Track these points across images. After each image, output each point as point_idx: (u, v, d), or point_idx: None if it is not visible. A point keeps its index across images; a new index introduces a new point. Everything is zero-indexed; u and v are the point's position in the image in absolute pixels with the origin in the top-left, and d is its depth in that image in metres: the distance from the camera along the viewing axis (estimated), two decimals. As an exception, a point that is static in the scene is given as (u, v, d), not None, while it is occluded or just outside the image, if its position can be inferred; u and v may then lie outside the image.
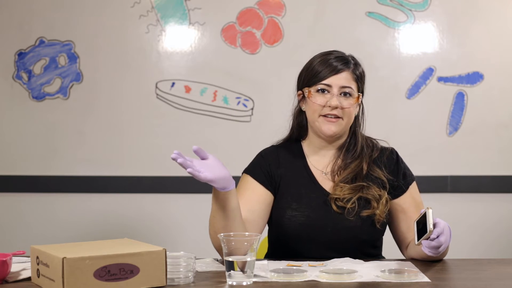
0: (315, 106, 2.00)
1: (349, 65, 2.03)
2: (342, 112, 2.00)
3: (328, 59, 2.03)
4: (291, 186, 2.03)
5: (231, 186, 1.79)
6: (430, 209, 1.74)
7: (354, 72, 2.04)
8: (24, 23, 3.43)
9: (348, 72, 2.02)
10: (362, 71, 2.07)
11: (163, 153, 3.40)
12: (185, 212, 3.41)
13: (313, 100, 2.01)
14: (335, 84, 2.00)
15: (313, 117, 2.03)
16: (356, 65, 2.05)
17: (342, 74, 2.01)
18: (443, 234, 1.77)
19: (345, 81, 2.01)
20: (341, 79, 2.00)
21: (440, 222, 1.78)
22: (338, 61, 2.02)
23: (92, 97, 3.43)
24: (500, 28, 3.33)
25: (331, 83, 2.00)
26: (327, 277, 1.65)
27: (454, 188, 3.33)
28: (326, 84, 2.00)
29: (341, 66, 2.01)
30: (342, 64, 2.02)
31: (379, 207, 1.97)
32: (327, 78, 2.00)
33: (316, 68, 2.02)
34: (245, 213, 1.96)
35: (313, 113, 2.02)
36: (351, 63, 2.04)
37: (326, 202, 1.99)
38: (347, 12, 3.36)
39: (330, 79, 2.00)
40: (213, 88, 3.39)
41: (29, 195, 3.45)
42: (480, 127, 3.34)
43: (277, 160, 2.07)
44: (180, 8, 3.40)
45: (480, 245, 3.33)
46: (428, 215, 1.73)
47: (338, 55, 2.04)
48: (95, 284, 1.50)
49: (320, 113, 2.00)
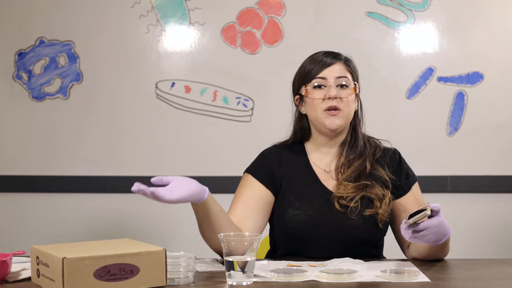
0: (315, 102, 2.01)
1: (340, 57, 2.07)
2: (341, 103, 2.00)
3: (317, 56, 2.06)
4: (293, 185, 2.03)
5: (204, 196, 1.78)
6: (428, 210, 1.72)
7: (347, 63, 2.07)
8: (24, 23, 3.43)
9: (340, 63, 2.05)
10: (354, 65, 2.10)
11: (163, 153, 3.40)
12: (185, 212, 3.38)
13: (312, 96, 2.02)
14: (330, 75, 2.02)
15: (315, 114, 2.02)
16: (347, 59, 2.09)
17: (335, 66, 2.04)
18: (428, 229, 1.74)
19: (339, 71, 2.03)
20: (334, 70, 2.03)
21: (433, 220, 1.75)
22: (328, 55, 2.06)
23: (92, 97, 3.43)
24: (500, 28, 3.33)
25: (325, 76, 2.02)
26: (327, 277, 1.65)
27: (454, 188, 3.33)
28: (321, 77, 2.02)
29: (332, 59, 2.04)
30: (332, 57, 2.05)
31: (382, 207, 1.97)
32: (321, 72, 2.02)
33: (308, 67, 2.05)
34: (243, 211, 1.96)
35: (314, 110, 2.02)
36: (342, 56, 2.08)
37: (328, 201, 1.99)
38: (347, 12, 3.36)
39: (324, 72, 2.02)
40: (213, 88, 3.39)
41: (29, 195, 3.45)
42: (480, 127, 3.34)
43: (279, 159, 2.07)
44: (180, 8, 3.40)
45: (479, 245, 3.33)
46: (422, 214, 1.71)
47: (326, 51, 2.08)
48: (95, 284, 1.50)
49: (321, 107, 2.00)
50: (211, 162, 3.37)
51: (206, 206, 1.81)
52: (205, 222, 1.84)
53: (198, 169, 3.37)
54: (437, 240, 1.79)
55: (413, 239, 1.77)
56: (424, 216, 1.71)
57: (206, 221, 1.83)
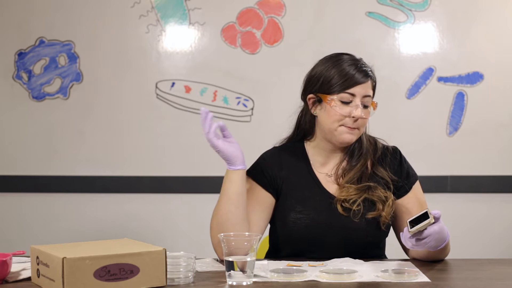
0: (337, 116, 1.95)
1: (370, 75, 1.98)
2: (361, 123, 1.97)
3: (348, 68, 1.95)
4: (294, 188, 2.02)
5: (238, 166, 1.88)
6: (431, 218, 1.71)
7: (373, 79, 2.01)
8: (24, 23, 3.43)
9: (370, 82, 1.98)
10: (376, 80, 2.03)
11: (163, 153, 3.40)
12: (185, 212, 3.41)
13: (336, 109, 1.94)
14: (360, 93, 1.95)
15: (331, 126, 1.97)
16: (373, 73, 2.02)
17: (367, 83, 1.97)
18: (430, 236, 1.73)
19: (367, 91, 1.97)
20: (364, 88, 1.95)
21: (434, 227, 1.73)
22: (360, 71, 1.96)
23: (92, 97, 3.43)
24: (500, 28, 3.33)
25: (355, 93, 1.94)
26: (327, 277, 1.65)
27: (454, 188, 3.33)
28: (351, 93, 1.94)
29: (364, 77, 1.96)
30: (364, 75, 1.96)
31: (385, 209, 1.95)
32: (352, 88, 1.94)
33: (337, 77, 1.95)
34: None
35: (332, 122, 1.96)
36: (371, 73, 2.00)
37: (331, 204, 1.98)
38: (347, 12, 3.36)
39: (355, 89, 1.94)
40: (213, 88, 3.39)
41: (29, 195, 3.45)
42: (480, 127, 3.34)
43: (279, 163, 2.06)
44: (180, 8, 3.40)
45: (480, 245, 3.33)
46: (425, 223, 1.70)
47: (357, 63, 1.98)
48: (95, 284, 1.50)
49: (341, 122, 1.95)
50: (211, 162, 3.36)
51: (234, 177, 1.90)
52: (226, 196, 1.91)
53: (198, 169, 3.37)
54: (437, 246, 1.78)
55: (415, 247, 1.76)
56: (428, 224, 1.70)
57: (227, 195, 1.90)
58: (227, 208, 1.89)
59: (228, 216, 1.86)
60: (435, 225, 1.74)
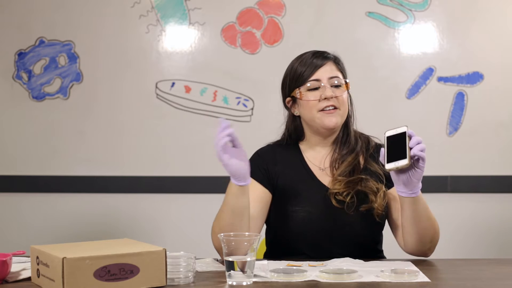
0: (311, 104, 2.03)
1: (329, 57, 2.08)
2: (337, 102, 2.02)
3: (306, 58, 2.07)
4: (289, 182, 2.05)
5: (241, 182, 1.83)
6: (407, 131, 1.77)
7: (336, 62, 2.09)
8: (24, 23, 3.43)
9: (331, 63, 2.07)
10: (342, 62, 2.12)
11: (163, 153, 3.40)
12: (185, 212, 3.41)
13: (307, 98, 2.03)
14: (323, 76, 2.03)
15: (311, 115, 2.04)
16: (336, 58, 2.10)
17: (326, 66, 2.05)
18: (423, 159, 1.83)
19: (331, 71, 2.05)
20: (326, 71, 2.05)
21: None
22: (317, 56, 2.07)
23: (92, 97, 3.43)
24: (500, 28, 3.33)
25: (319, 77, 2.03)
26: (327, 277, 1.65)
27: (454, 188, 3.33)
28: (315, 79, 2.03)
29: (322, 60, 2.06)
30: (322, 58, 2.06)
31: (377, 201, 1.99)
32: (314, 74, 2.04)
33: (299, 69, 2.06)
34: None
35: (310, 111, 2.04)
36: (330, 55, 2.09)
37: (325, 197, 2.01)
38: (347, 12, 3.36)
39: (317, 74, 2.04)
40: (213, 88, 3.39)
41: (29, 195, 3.45)
42: (480, 127, 3.34)
43: (273, 158, 2.09)
44: (180, 8, 3.40)
45: (480, 245, 3.33)
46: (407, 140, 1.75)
47: (313, 52, 2.09)
48: (95, 284, 1.50)
49: (317, 108, 2.02)
50: (211, 162, 3.35)
51: (239, 192, 1.85)
52: (229, 209, 1.87)
53: (198, 169, 3.37)
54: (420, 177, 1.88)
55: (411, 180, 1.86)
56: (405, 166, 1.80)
57: (230, 208, 1.87)
58: (230, 221, 1.88)
59: (231, 228, 1.85)
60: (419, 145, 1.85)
